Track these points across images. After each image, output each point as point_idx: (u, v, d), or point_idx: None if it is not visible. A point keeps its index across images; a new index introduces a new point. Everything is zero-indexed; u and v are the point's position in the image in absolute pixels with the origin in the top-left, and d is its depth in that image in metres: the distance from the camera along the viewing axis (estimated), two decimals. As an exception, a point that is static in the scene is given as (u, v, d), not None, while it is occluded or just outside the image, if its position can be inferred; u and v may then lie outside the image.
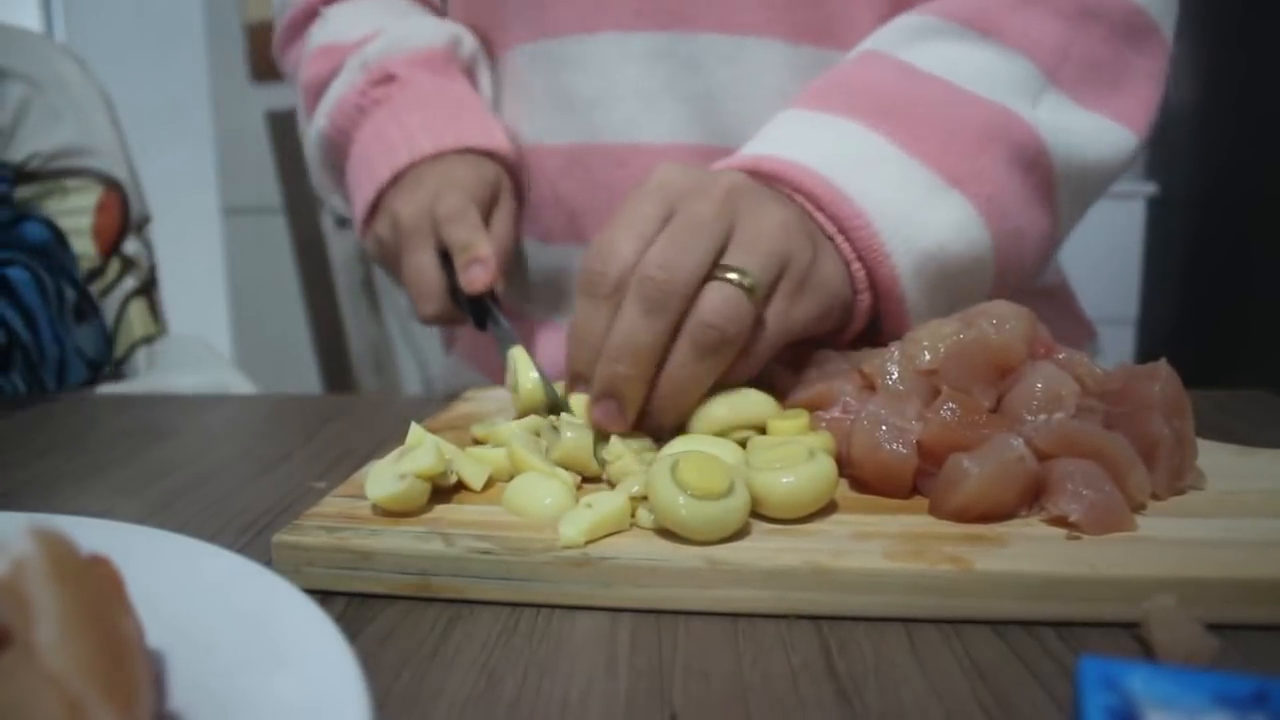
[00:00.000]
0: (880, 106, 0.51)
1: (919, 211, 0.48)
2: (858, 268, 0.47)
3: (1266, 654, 0.28)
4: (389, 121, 0.60)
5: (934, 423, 0.36)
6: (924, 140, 0.49)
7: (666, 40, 0.58)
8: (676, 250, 0.40)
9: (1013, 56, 0.53)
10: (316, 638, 0.23)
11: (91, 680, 0.18)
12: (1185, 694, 0.19)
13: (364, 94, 0.62)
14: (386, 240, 0.59)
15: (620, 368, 0.39)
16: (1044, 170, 0.52)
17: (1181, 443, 0.36)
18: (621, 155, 0.60)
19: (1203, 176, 2.06)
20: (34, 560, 0.20)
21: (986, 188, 0.50)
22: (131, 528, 0.30)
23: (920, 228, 0.48)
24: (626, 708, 0.26)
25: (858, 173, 0.48)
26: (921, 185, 0.49)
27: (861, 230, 0.47)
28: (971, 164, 0.50)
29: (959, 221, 0.49)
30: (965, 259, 0.49)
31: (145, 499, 0.44)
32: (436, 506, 0.36)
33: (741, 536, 0.32)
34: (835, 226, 0.47)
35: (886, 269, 0.47)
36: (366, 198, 0.60)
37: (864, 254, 0.47)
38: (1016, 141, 0.51)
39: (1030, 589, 0.29)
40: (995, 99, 0.51)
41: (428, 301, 0.55)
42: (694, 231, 0.40)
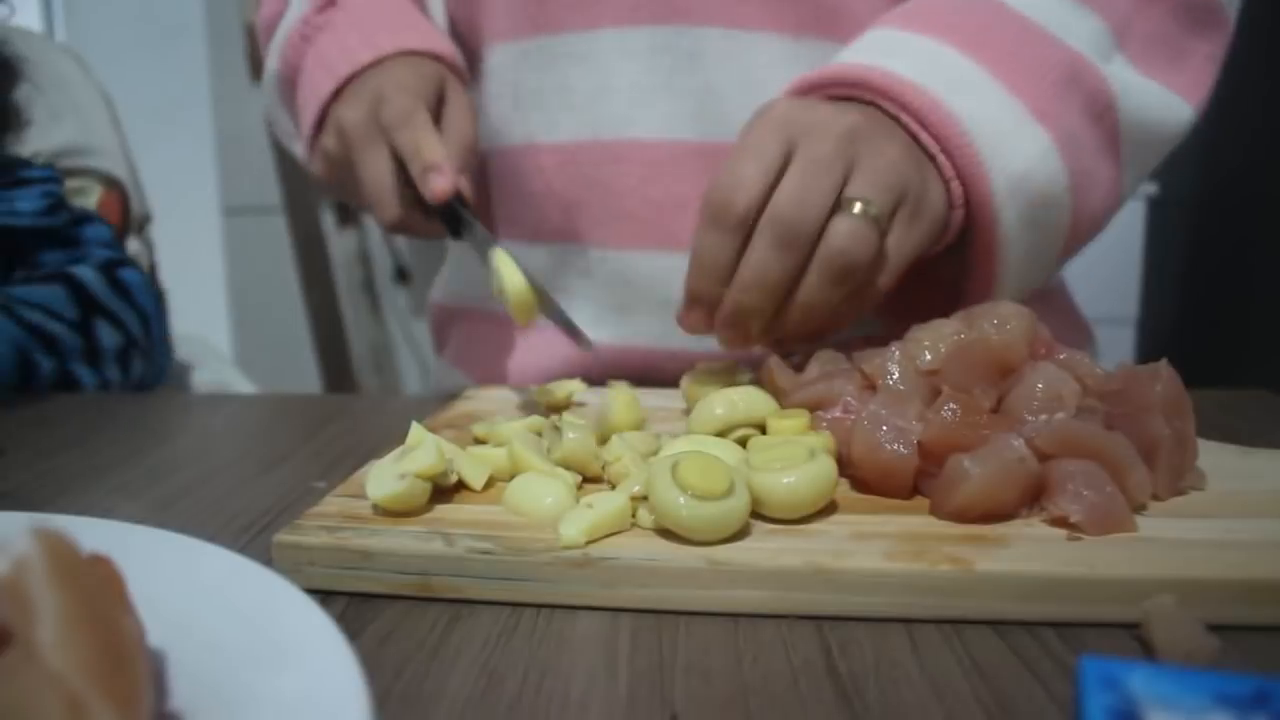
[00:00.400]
0: (972, 33, 0.51)
1: (1011, 136, 0.49)
2: (956, 185, 0.49)
3: (1266, 654, 0.28)
4: (330, 43, 0.60)
5: (935, 423, 0.36)
6: (1014, 72, 0.50)
7: (666, 34, 0.58)
8: (805, 188, 0.43)
9: (1089, 14, 0.53)
10: (317, 637, 0.23)
11: (92, 679, 0.18)
12: (1186, 694, 0.19)
13: (307, 22, 0.61)
14: (334, 153, 0.57)
15: (752, 298, 0.43)
16: (1111, 122, 0.53)
17: (1182, 443, 0.36)
18: (618, 151, 0.60)
19: (1203, 177, 2.06)
20: (35, 560, 0.20)
21: (1065, 128, 0.51)
22: (132, 527, 0.30)
23: (1012, 152, 0.49)
24: (627, 708, 0.26)
25: (958, 92, 0.49)
26: (1013, 112, 0.50)
27: (965, 149, 0.48)
28: (1053, 103, 0.51)
29: (1043, 152, 0.50)
30: (1048, 191, 0.50)
31: (145, 499, 0.44)
32: (437, 506, 0.36)
33: (742, 537, 0.32)
34: (939, 146, 0.48)
35: (983, 188, 0.49)
36: (311, 116, 0.59)
37: (963, 172, 0.49)
38: (1091, 89, 0.52)
39: (1031, 589, 0.29)
40: (1075, 47, 0.52)
41: (386, 207, 0.54)
42: (819, 169, 0.43)
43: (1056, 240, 0.53)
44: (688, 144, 0.59)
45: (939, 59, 0.50)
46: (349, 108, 0.56)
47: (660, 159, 0.59)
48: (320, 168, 0.60)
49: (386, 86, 0.55)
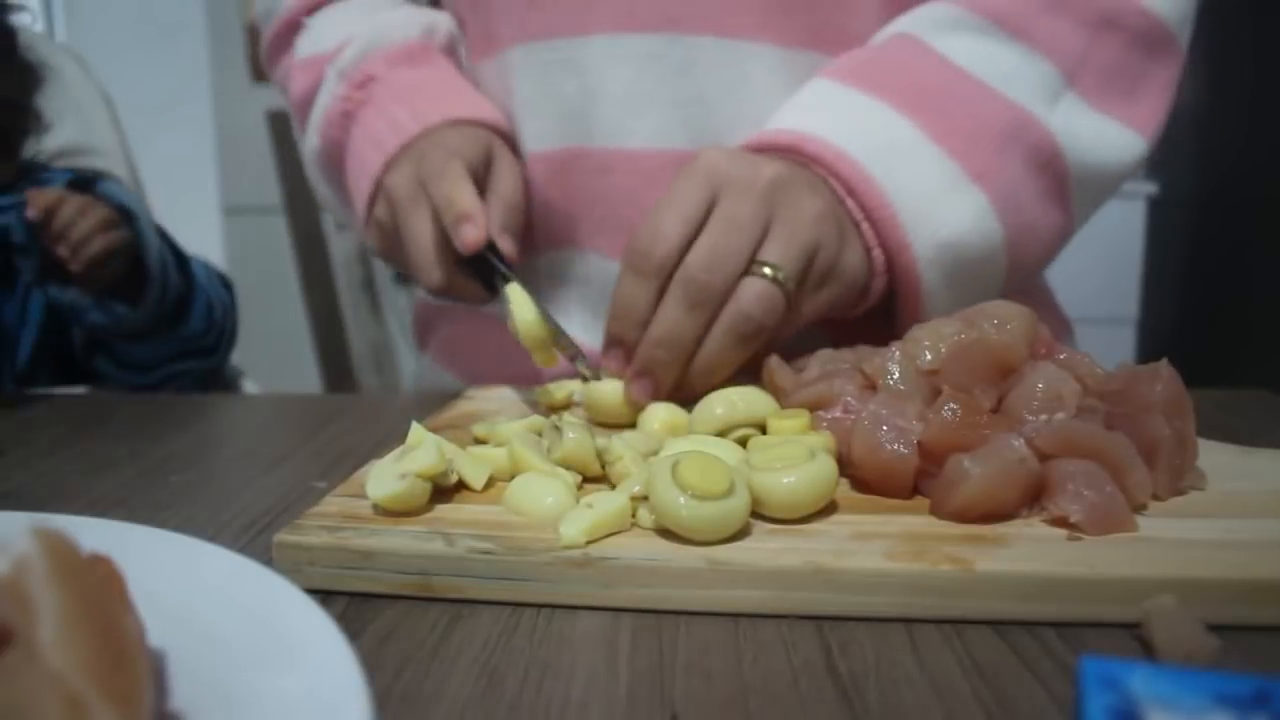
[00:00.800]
0: (912, 92, 0.52)
1: (941, 204, 0.51)
2: (878, 254, 0.51)
3: (1267, 654, 0.28)
4: (376, 118, 0.60)
5: (935, 423, 0.36)
6: (951, 134, 0.52)
7: (659, 43, 0.58)
8: (718, 249, 0.44)
9: (1037, 59, 0.54)
10: (317, 637, 0.23)
11: (93, 679, 0.18)
12: (1186, 694, 0.19)
13: (347, 99, 0.62)
14: (385, 222, 0.57)
15: (660, 353, 0.45)
16: (1058, 172, 0.54)
17: (1182, 443, 0.36)
18: (608, 160, 0.60)
19: (1203, 177, 2.06)
20: (36, 560, 0.20)
21: (1004, 185, 0.52)
22: (132, 527, 0.30)
23: (941, 220, 0.50)
24: (627, 708, 0.26)
25: (888, 159, 0.50)
26: (946, 177, 0.51)
27: (888, 221, 0.50)
28: (992, 161, 0.52)
29: (976, 215, 0.51)
30: (979, 251, 0.52)
31: (145, 499, 0.44)
32: (437, 506, 0.36)
33: (742, 537, 0.32)
34: (863, 214, 0.50)
35: (906, 257, 0.50)
36: (364, 192, 0.59)
37: (886, 242, 0.50)
38: (1034, 144, 0.53)
39: (1031, 589, 0.29)
40: (1018, 100, 0.53)
41: (428, 270, 0.53)
42: (735, 228, 0.45)
43: (990, 289, 0.54)
44: (679, 153, 0.59)
45: (875, 120, 0.51)
46: (395, 173, 0.56)
47: (652, 168, 0.59)
48: (375, 239, 0.60)
49: (427, 146, 0.56)
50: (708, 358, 0.45)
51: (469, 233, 0.51)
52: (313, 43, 0.66)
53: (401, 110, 0.59)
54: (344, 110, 0.62)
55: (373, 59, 0.62)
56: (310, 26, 0.67)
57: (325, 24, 0.67)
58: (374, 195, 0.59)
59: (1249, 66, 1.85)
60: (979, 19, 0.55)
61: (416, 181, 0.55)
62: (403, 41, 0.62)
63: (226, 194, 2.36)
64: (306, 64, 0.66)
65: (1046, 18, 0.54)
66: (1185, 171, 2.10)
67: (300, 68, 0.66)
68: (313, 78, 0.65)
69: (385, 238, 0.59)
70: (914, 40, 0.55)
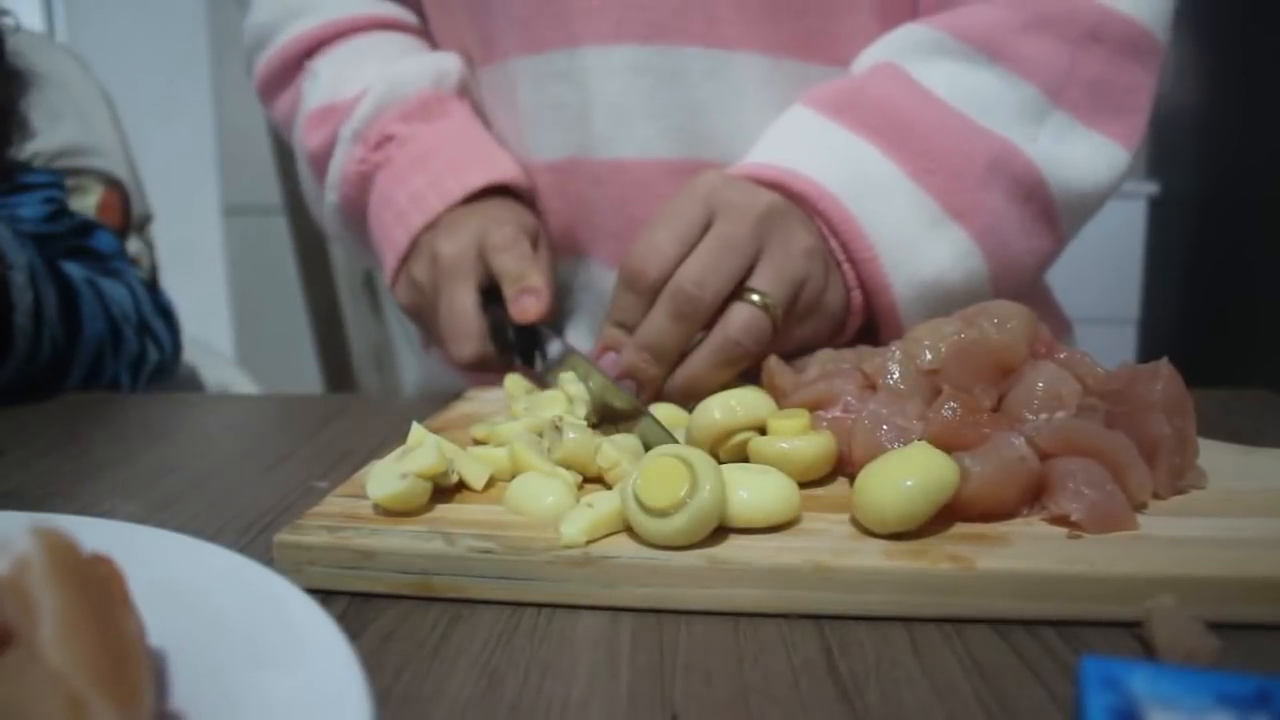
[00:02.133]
0: (895, 130, 0.53)
1: (922, 243, 0.52)
2: (857, 295, 0.52)
3: (1267, 654, 0.28)
4: (393, 186, 0.60)
5: (935, 422, 0.36)
6: (933, 172, 0.52)
7: (648, 54, 0.58)
8: (709, 267, 0.45)
9: (1019, 82, 0.54)
10: (318, 637, 0.23)
11: (93, 679, 0.18)
12: (1187, 694, 0.19)
13: (364, 161, 0.61)
14: (423, 281, 0.57)
15: (644, 360, 0.46)
16: (1043, 199, 0.55)
17: (1183, 442, 0.36)
18: (599, 172, 0.60)
19: (1204, 176, 2.06)
20: (36, 559, 0.20)
21: (986, 219, 0.53)
22: (132, 527, 0.30)
23: (922, 260, 0.52)
24: (627, 707, 0.26)
25: (869, 198, 0.51)
26: (926, 216, 0.52)
27: (869, 263, 0.51)
28: (973, 197, 0.53)
29: (958, 253, 0.52)
30: (963, 286, 0.53)
31: (146, 499, 0.44)
32: (438, 506, 0.36)
33: (743, 534, 0.32)
34: (844, 255, 0.51)
35: (886, 298, 0.52)
36: (390, 265, 0.59)
37: (866, 284, 0.52)
38: (1017, 175, 0.54)
39: (1031, 588, 0.29)
40: (1000, 131, 0.53)
41: (466, 342, 0.53)
42: (728, 249, 0.46)
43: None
44: (668, 163, 0.59)
45: (856, 157, 0.52)
46: (446, 238, 0.56)
47: (642, 178, 0.59)
48: (404, 296, 0.60)
49: (492, 220, 0.56)
50: (690, 376, 0.47)
51: (531, 304, 0.52)
52: (325, 92, 0.65)
53: (419, 180, 0.59)
54: (361, 172, 0.62)
55: (387, 117, 0.61)
56: (317, 74, 0.66)
57: (334, 72, 0.66)
58: (405, 258, 0.59)
59: (1249, 66, 1.85)
60: (960, 44, 0.54)
61: (473, 253, 0.55)
62: (415, 94, 0.62)
63: (226, 194, 2.35)
64: (321, 114, 0.65)
65: (1028, 38, 0.54)
66: (1185, 171, 2.10)
67: (314, 119, 0.65)
68: (327, 134, 0.64)
69: (419, 299, 0.58)
70: (895, 70, 0.55)
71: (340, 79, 0.65)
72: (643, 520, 0.31)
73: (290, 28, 0.68)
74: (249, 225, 2.31)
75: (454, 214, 0.57)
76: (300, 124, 0.67)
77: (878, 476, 0.32)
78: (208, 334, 1.58)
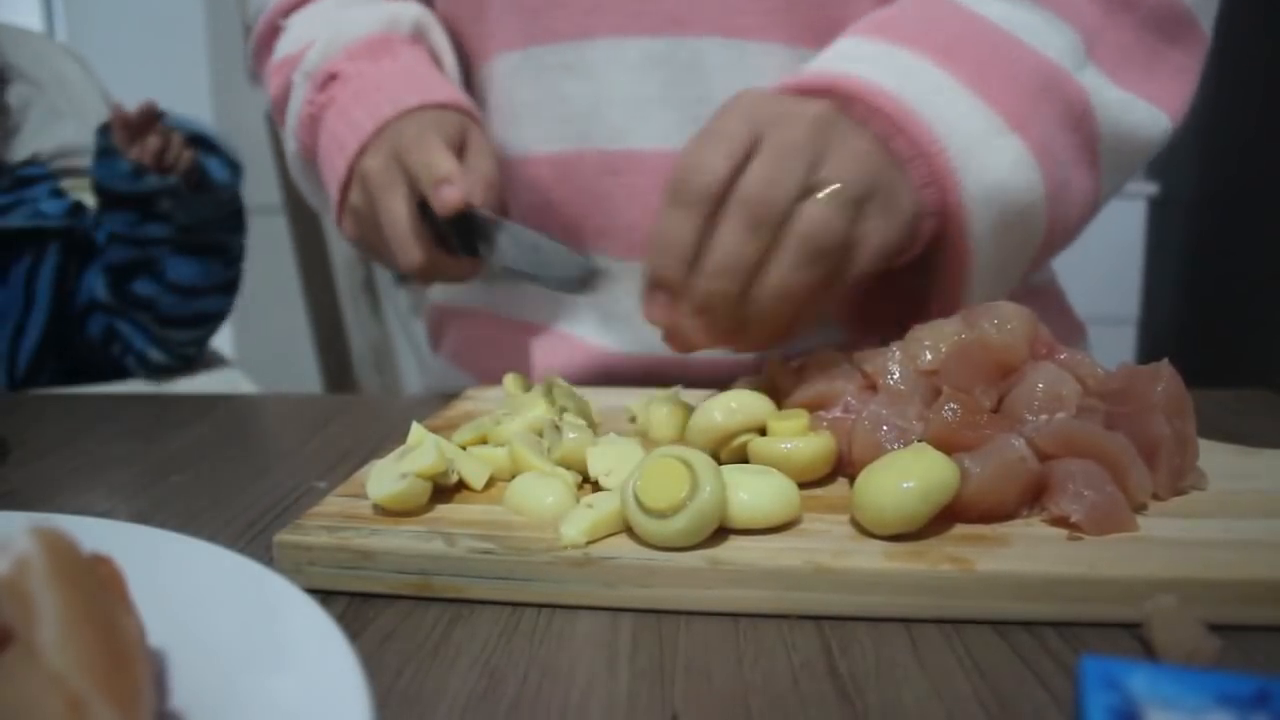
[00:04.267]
0: (945, 43, 0.50)
1: (984, 146, 0.48)
2: (929, 192, 0.48)
3: (1267, 654, 0.28)
4: (338, 120, 0.60)
5: (935, 423, 0.36)
6: (987, 81, 0.50)
7: (664, 45, 0.58)
8: (775, 170, 0.41)
9: (1061, 25, 0.53)
10: (317, 637, 0.23)
11: (93, 679, 0.18)
12: (1187, 694, 0.19)
13: (311, 102, 0.62)
14: (360, 206, 0.57)
15: (720, 283, 0.41)
16: (1089, 130, 0.53)
17: (1183, 443, 0.36)
18: (614, 162, 0.59)
19: (1204, 176, 2.06)
20: (36, 560, 0.20)
21: (1041, 135, 0.50)
22: (132, 527, 0.30)
23: (986, 162, 0.48)
24: (628, 708, 0.26)
25: (931, 100, 0.48)
26: (985, 123, 0.49)
27: (937, 156, 0.47)
28: (1028, 111, 0.50)
29: (1016, 162, 0.49)
30: (1022, 199, 0.50)
31: (145, 499, 0.44)
32: (437, 506, 0.36)
33: (743, 535, 0.32)
34: (912, 151, 0.47)
35: (956, 196, 0.48)
36: (333, 194, 0.59)
37: (938, 178, 0.48)
38: (1068, 99, 0.51)
39: (1031, 589, 0.29)
40: (1050, 56, 0.51)
41: (409, 248, 0.52)
42: (789, 153, 0.42)
43: (1028, 250, 0.53)
44: None
45: (911, 69, 0.49)
46: (371, 157, 0.56)
47: (659, 169, 0.59)
48: (349, 228, 0.60)
49: (405, 127, 0.55)
50: (772, 285, 0.42)
51: (449, 193, 0.50)
52: (287, 44, 0.66)
53: (359, 111, 0.59)
54: (310, 114, 0.62)
55: (333, 57, 0.61)
56: (287, 28, 0.67)
57: (298, 28, 0.67)
58: (345, 187, 0.58)
59: (1249, 66, 1.85)
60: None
61: (392, 158, 0.54)
62: (364, 35, 0.62)
63: (226, 194, 2.35)
64: (278, 67, 0.66)
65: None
66: (1185, 171, 2.10)
67: (273, 71, 0.66)
68: (283, 82, 0.65)
69: (361, 224, 0.58)
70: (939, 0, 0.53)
71: (302, 32, 0.66)
72: (643, 521, 0.31)
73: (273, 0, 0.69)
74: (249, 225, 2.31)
75: (377, 135, 0.57)
76: (268, 79, 0.68)
77: (878, 478, 0.32)
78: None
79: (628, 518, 0.32)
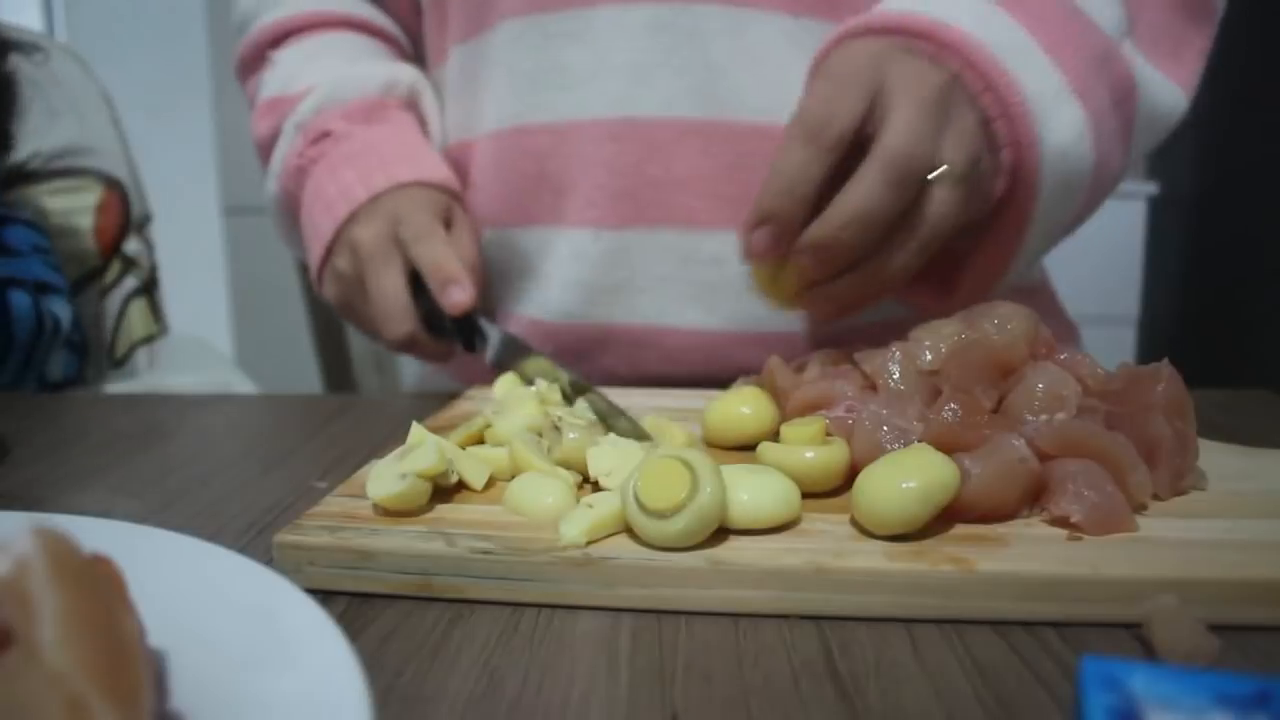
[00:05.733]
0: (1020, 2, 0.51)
1: (1055, 109, 0.49)
2: (1007, 153, 0.48)
3: (1267, 654, 0.28)
4: (326, 178, 0.61)
5: (935, 423, 0.36)
6: (1058, 44, 0.50)
7: (667, 12, 0.58)
8: (918, 127, 0.42)
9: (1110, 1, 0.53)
10: (317, 637, 0.23)
11: (93, 679, 0.18)
12: (1187, 694, 0.19)
13: (301, 155, 0.63)
14: (346, 272, 0.58)
15: (849, 234, 0.41)
16: (1129, 110, 0.53)
17: (1183, 443, 0.36)
18: (616, 129, 0.59)
19: (1203, 176, 2.06)
20: (36, 560, 0.20)
21: (1097, 107, 0.51)
22: (132, 527, 0.30)
23: (1056, 125, 0.49)
24: (628, 708, 0.26)
25: (1012, 56, 0.48)
26: (1055, 85, 0.49)
27: (1021, 118, 0.47)
28: (1089, 80, 0.50)
29: (1077, 130, 0.49)
30: (1077, 166, 0.50)
31: (146, 499, 0.44)
32: (438, 506, 0.36)
33: (743, 535, 0.32)
34: (1000, 109, 0.47)
35: (1033, 155, 0.48)
36: (316, 253, 0.60)
37: (1018, 137, 0.48)
38: (1118, 74, 0.52)
39: (1032, 589, 0.29)
40: (1107, 30, 0.52)
41: (397, 322, 0.55)
42: (928, 113, 0.42)
43: (1066, 222, 0.53)
44: (687, 122, 0.58)
45: (990, 18, 0.49)
46: (364, 226, 0.57)
47: (660, 137, 0.59)
48: (331, 290, 0.61)
49: (403, 206, 0.57)
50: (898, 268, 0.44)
51: (458, 295, 0.53)
52: (279, 82, 0.67)
53: (349, 175, 0.60)
54: (298, 165, 0.63)
55: (328, 114, 0.63)
56: (276, 64, 0.68)
57: (291, 65, 0.67)
58: (329, 250, 0.60)
59: (1249, 66, 1.85)
60: None
61: (390, 239, 0.56)
62: (359, 97, 0.63)
63: (226, 194, 2.35)
64: (269, 105, 0.67)
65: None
66: (1185, 171, 2.10)
67: (263, 108, 0.67)
68: (274, 121, 0.66)
69: (345, 289, 0.60)
70: None
71: (294, 73, 0.66)
72: (643, 522, 0.31)
73: (264, 15, 0.70)
74: (249, 225, 2.31)
75: (368, 205, 0.58)
76: (254, 112, 0.69)
77: (878, 478, 0.32)
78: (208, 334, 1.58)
79: (628, 518, 0.32)
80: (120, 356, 1.15)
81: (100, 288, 1.13)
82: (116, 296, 1.14)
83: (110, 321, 1.14)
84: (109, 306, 1.14)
